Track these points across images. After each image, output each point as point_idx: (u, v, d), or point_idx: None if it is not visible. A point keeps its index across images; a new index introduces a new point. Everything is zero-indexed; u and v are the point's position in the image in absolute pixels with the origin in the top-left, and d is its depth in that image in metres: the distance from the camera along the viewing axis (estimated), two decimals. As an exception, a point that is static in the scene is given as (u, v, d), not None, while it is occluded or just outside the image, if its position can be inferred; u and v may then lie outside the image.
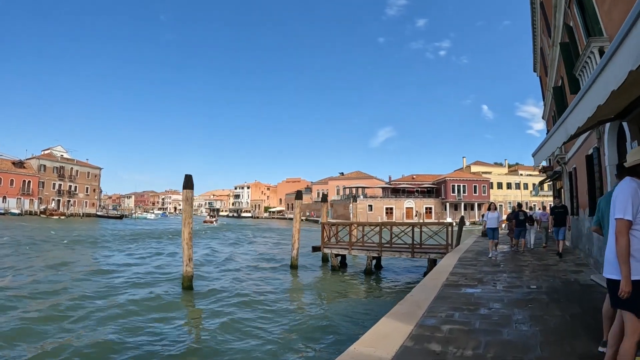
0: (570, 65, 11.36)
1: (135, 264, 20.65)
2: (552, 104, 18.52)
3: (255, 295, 13.73)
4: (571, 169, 13.94)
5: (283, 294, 14.02)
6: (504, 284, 8.22)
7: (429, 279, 8.93)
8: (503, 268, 10.37)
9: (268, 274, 17.79)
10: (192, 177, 15.21)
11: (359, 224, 19.45)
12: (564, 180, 16.94)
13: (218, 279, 16.72)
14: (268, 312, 11.50)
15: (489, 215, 13.50)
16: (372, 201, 70.76)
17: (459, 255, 13.16)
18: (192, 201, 15.26)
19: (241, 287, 15.13)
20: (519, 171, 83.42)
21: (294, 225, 18.68)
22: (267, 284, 15.73)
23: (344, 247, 17.49)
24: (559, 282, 8.34)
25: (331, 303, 12.66)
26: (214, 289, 14.67)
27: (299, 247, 18.43)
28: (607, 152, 8.77)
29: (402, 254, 15.77)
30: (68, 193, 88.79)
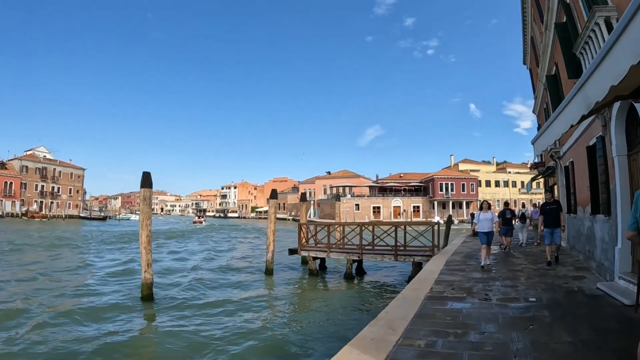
0: (568, 47, 10.23)
1: (104, 268, 19.17)
2: (545, 95, 17.39)
3: (221, 306, 12.39)
4: (567, 163, 12.78)
5: (252, 304, 12.64)
6: (498, 295, 6.96)
7: (410, 289, 7.63)
8: (495, 274, 9.12)
9: (240, 280, 16.40)
10: (150, 175, 13.84)
11: (338, 224, 18.15)
12: (558, 176, 15.80)
13: (184, 285, 15.30)
14: (231, 328, 10.13)
15: (480, 215, 10.64)
16: (359, 200, 69.59)
17: (446, 258, 11.91)
18: (151, 201, 13.83)
19: (207, 296, 13.79)
20: (507, 169, 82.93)
21: (269, 227, 17.32)
22: (237, 292, 14.36)
23: (323, 250, 16.16)
24: (561, 293, 7.11)
25: (301, 316, 11.32)
26: (177, 298, 13.34)
27: (278, 249, 17.16)
28: (614, 141, 7.58)
29: (385, 256, 14.48)
30: (51, 194, 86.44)
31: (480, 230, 10.58)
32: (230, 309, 12.00)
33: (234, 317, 11.15)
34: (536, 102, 21.24)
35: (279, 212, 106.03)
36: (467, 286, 7.76)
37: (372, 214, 68.30)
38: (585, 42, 8.05)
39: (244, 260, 23.05)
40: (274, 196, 17.70)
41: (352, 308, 11.70)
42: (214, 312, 11.65)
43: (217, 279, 16.72)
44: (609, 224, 8.07)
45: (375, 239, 15.22)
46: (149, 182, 13.78)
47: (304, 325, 10.20)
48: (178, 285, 15.29)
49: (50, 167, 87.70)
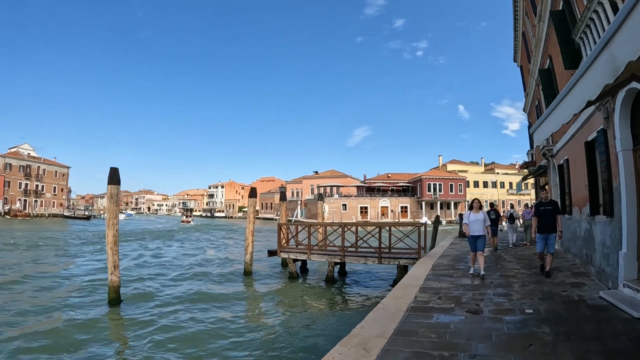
0: (565, 35, 9.53)
1: (77, 272, 18.04)
2: (537, 92, 16.72)
3: (192, 310, 11.51)
4: (562, 162, 12.04)
5: (226, 309, 11.74)
6: (490, 306, 6.14)
7: (391, 298, 6.77)
8: (486, 281, 8.30)
9: (217, 283, 15.46)
10: (118, 171, 12.89)
11: (320, 224, 17.26)
12: (550, 175, 15.09)
13: (156, 289, 14.35)
14: (197, 339, 9.19)
15: (470, 216, 9.15)
16: (347, 200, 68.72)
17: (432, 262, 11.10)
18: (118, 198, 12.83)
19: (179, 299, 12.84)
20: (495, 170, 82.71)
21: (247, 227, 16.41)
22: (212, 295, 13.41)
23: (303, 252, 15.25)
24: (560, 303, 6.31)
25: (275, 324, 10.33)
26: (147, 302, 12.45)
27: (259, 250, 16.20)
28: (618, 135, 6.82)
29: (368, 259, 13.61)
30: (35, 193, 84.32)
31: (469, 233, 9.12)
32: (202, 315, 11.13)
33: (204, 324, 10.30)
34: (527, 100, 20.60)
35: (267, 211, 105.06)
36: (456, 295, 6.93)
37: (359, 214, 67.53)
38: (587, 26, 7.28)
39: (225, 260, 22.07)
40: (253, 195, 16.78)
41: (331, 315, 10.82)
42: (183, 317, 10.83)
43: (192, 281, 15.80)
44: (611, 226, 7.30)
45: (359, 241, 14.36)
46: (117, 179, 12.84)
47: (277, 335, 9.28)
48: (149, 288, 14.38)
49: (35, 165, 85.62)
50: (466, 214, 9.46)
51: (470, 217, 9.19)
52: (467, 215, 9.32)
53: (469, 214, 9.30)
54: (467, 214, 9.39)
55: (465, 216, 9.42)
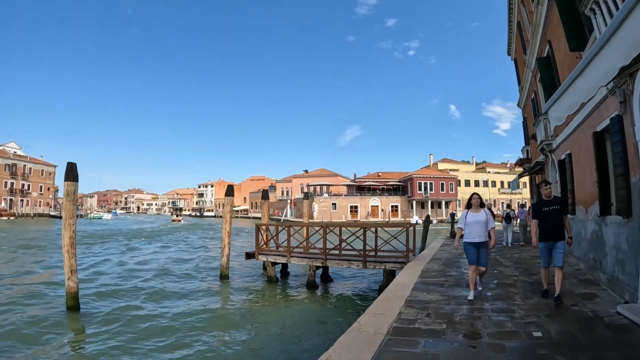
0: (569, 14, 8.51)
1: (41, 275, 16.73)
2: (533, 84, 15.72)
3: (158, 317, 10.48)
4: (563, 156, 10.99)
5: (194, 316, 10.60)
6: (489, 327, 5.02)
7: (370, 314, 5.64)
8: (482, 291, 7.20)
9: (191, 286, 14.25)
10: (75, 166, 11.68)
11: (301, 225, 16.08)
12: (548, 172, 14.06)
13: (122, 293, 13.19)
14: (158, 350, 8.05)
15: (468, 216, 6.90)
16: (336, 199, 67.58)
17: (422, 267, 9.99)
18: (76, 196, 11.59)
19: (145, 305, 11.71)
20: (486, 169, 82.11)
21: (224, 227, 15.20)
22: (182, 301, 12.24)
23: (282, 254, 14.08)
24: (573, 321, 5.20)
25: (244, 336, 9.17)
26: (110, 308, 11.40)
27: (243, 251, 15.03)
28: (638, 121, 5.75)
29: (352, 263, 12.47)
30: (21, 192, 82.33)
31: (467, 239, 6.87)
32: (166, 323, 10.06)
33: (169, 332, 9.32)
34: (521, 94, 19.62)
35: (256, 211, 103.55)
36: (447, 311, 5.82)
37: (349, 213, 66.46)
38: (599, -5, 6.24)
39: (203, 262, 20.83)
40: (229, 193, 15.58)
41: (306, 327, 9.64)
42: (144, 326, 9.79)
43: (163, 285, 14.59)
44: (628, 228, 6.23)
45: (342, 243, 13.24)
46: (74, 175, 11.65)
47: (244, 349, 8.14)
48: (114, 293, 13.25)
49: (21, 163, 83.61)
50: (462, 214, 7.08)
51: (467, 218, 6.87)
52: (464, 216, 6.98)
53: (465, 214, 6.97)
54: (464, 213, 7.05)
55: (461, 217, 7.07)
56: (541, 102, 14.65)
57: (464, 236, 6.94)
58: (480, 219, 6.83)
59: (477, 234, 6.79)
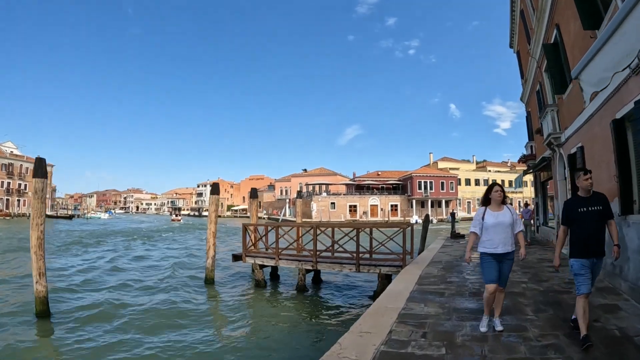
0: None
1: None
2: (538, 75, 14.80)
3: (132, 327, 9.58)
4: (574, 150, 10.06)
5: (171, 324, 9.75)
6: (498, 352, 4.10)
7: (355, 334, 4.71)
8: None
9: (173, 291, 13.32)
10: (44, 162, 10.77)
11: (291, 224, 15.10)
12: (555, 168, 13.12)
13: (100, 298, 12.29)
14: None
15: (486, 216, 4.94)
16: (335, 198, 66.63)
17: (420, 272, 9.06)
18: (45, 194, 10.67)
19: (122, 312, 10.86)
20: (487, 167, 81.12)
21: (209, 227, 14.27)
22: (162, 306, 11.33)
23: (271, 257, 13.16)
24: (599, 344, 4.27)
25: (217, 349, 8.27)
26: (84, 315, 10.60)
27: (231, 253, 14.16)
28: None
29: (344, 266, 11.56)
30: (17, 192, 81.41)
31: (484, 249, 4.92)
32: (142, 331, 9.23)
33: (144, 342, 8.50)
34: (525, 88, 18.68)
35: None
36: (448, 328, 4.89)
37: (348, 212, 65.53)
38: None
39: (190, 263, 19.90)
40: (215, 192, 14.64)
41: (295, 337, 8.73)
42: (118, 335, 8.97)
43: (144, 290, 13.72)
44: (656, 229, 5.33)
45: (334, 244, 12.33)
46: (42, 171, 10.73)
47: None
48: (90, 297, 12.47)
49: (17, 163, 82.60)
50: (477, 214, 5.01)
51: (486, 219, 4.89)
52: (480, 216, 4.96)
53: (482, 213, 4.95)
54: (480, 213, 4.99)
55: (476, 217, 5.01)
56: (547, 94, 13.74)
57: (481, 244, 4.92)
58: (505, 220, 4.81)
59: (501, 241, 4.78)
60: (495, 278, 4.87)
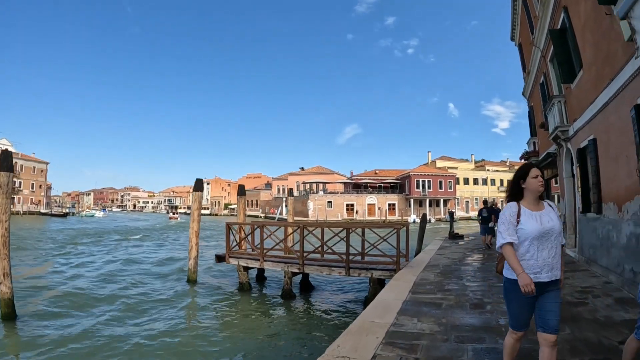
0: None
1: None
2: (543, 65, 13.91)
3: (104, 332, 8.70)
4: (586, 143, 9.16)
5: (145, 328, 8.94)
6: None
7: (330, 357, 3.80)
8: (490, 314, 5.37)
9: (153, 292, 12.47)
10: (10, 155, 9.94)
11: (276, 224, 14.16)
12: (561, 165, 12.22)
13: (73, 299, 11.53)
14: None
15: (523, 218, 2.82)
16: (332, 197, 65.73)
17: (415, 277, 8.15)
18: (10, 188, 9.76)
19: (97, 314, 10.15)
20: (486, 167, 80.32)
21: (191, 226, 13.37)
22: (138, 312, 10.44)
23: (255, 258, 12.23)
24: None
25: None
26: (54, 317, 9.89)
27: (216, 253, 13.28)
28: None
29: (333, 270, 10.64)
30: (12, 189, 79.95)
31: (523, 273, 2.71)
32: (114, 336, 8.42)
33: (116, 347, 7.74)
34: (527, 82, 17.77)
35: (252, 209, 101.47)
36: (445, 353, 3.98)
37: (345, 211, 64.65)
38: None
39: (178, 263, 18.96)
40: (198, 188, 13.72)
41: (276, 351, 7.82)
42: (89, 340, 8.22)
43: (122, 289, 12.92)
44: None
45: (325, 245, 11.41)
46: (8, 164, 9.86)
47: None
48: (65, 298, 11.68)
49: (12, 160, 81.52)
50: (508, 213, 2.88)
51: (523, 222, 2.83)
52: (512, 216, 2.87)
53: (514, 212, 2.88)
54: (511, 212, 2.88)
55: (507, 218, 2.88)
56: (552, 85, 12.84)
57: (508, 263, 2.86)
58: (553, 225, 2.83)
59: (547, 261, 2.80)
60: (527, 321, 2.96)
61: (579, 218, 10.12)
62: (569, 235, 11.69)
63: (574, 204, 11.44)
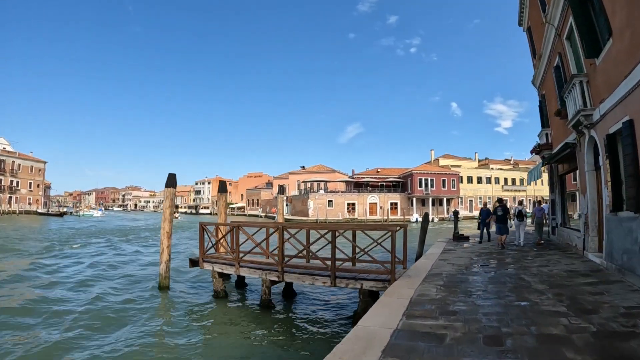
0: None
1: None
2: (557, 45, 12.34)
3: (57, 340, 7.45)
4: (618, 127, 7.59)
5: (97, 341, 7.45)
6: None
7: None
8: (513, 357, 3.81)
9: (120, 300, 10.98)
10: None
11: (255, 225, 12.54)
12: (582, 156, 10.62)
13: (29, 307, 9.97)
14: None
15: None
16: (333, 196, 64.00)
17: (412, 292, 6.61)
18: None
19: (50, 315, 8.63)
20: (489, 165, 78.54)
21: (162, 227, 11.87)
22: (93, 329, 8.86)
23: (230, 263, 10.70)
24: None
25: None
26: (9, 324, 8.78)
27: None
28: None
29: (317, 279, 9.09)
30: (9, 189, 79.37)
31: None
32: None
33: None
34: (538, 68, 16.16)
35: (253, 208, 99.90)
36: None
37: (346, 210, 63.02)
38: None
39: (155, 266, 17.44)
40: (171, 184, 12.20)
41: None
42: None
43: (90, 293, 11.51)
44: None
45: (307, 249, 9.86)
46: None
47: None
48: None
49: (9, 159, 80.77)
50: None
51: None
52: None
53: None
54: None
55: None
56: (570, 66, 11.27)
57: None
58: None
59: None
60: None
61: (607, 218, 8.55)
62: (592, 238, 10.13)
63: (597, 202, 9.88)
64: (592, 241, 10.06)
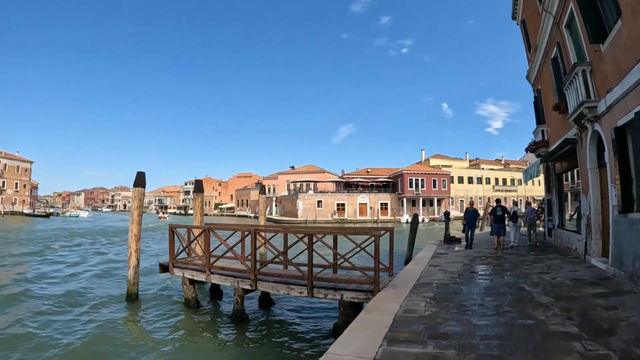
0: None
1: None
2: (556, 35, 11.54)
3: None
4: (627, 119, 6.76)
5: None
6: None
7: None
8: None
9: (82, 314, 9.93)
10: None
11: (227, 227, 11.58)
12: (584, 154, 9.81)
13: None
14: None
15: None
16: (322, 196, 63.04)
17: (398, 306, 5.71)
18: None
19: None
20: (480, 165, 78.10)
21: (131, 229, 10.87)
22: (45, 347, 7.87)
23: (202, 270, 9.74)
24: None
25: None
26: None
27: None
28: None
29: (292, 288, 8.16)
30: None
31: None
32: None
33: None
34: (534, 62, 15.37)
35: (242, 208, 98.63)
36: None
37: (336, 211, 62.13)
38: None
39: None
40: (139, 183, 11.19)
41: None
42: None
43: (52, 301, 10.51)
44: None
45: (286, 255, 8.92)
46: None
47: None
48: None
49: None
50: None
51: None
52: None
53: None
54: None
55: None
56: (570, 56, 10.47)
57: None
58: None
59: None
60: None
61: (614, 220, 7.72)
62: (595, 241, 9.31)
63: (601, 202, 9.08)
64: (596, 245, 9.25)
